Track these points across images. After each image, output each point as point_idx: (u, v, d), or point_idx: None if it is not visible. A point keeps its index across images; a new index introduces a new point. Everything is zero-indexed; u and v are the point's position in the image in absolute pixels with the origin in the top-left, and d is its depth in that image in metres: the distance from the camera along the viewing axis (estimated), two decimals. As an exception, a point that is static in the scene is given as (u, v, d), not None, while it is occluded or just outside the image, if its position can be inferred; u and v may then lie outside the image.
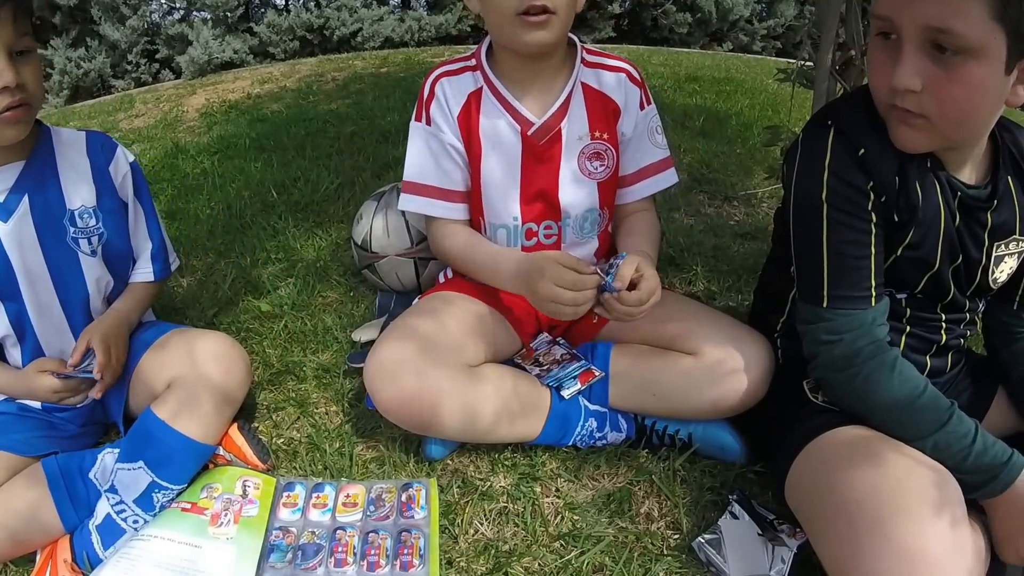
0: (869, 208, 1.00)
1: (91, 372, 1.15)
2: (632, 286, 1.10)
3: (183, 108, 4.04)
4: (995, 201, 1.04)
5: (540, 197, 1.29)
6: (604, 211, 1.35)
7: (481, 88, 1.27)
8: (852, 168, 0.99)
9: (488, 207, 1.30)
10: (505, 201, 1.29)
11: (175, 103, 4.21)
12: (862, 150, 0.98)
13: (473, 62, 1.29)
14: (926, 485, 0.88)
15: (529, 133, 1.25)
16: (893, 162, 0.99)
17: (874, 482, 0.90)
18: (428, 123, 1.27)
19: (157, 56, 6.36)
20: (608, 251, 1.40)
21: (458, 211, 1.31)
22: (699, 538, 1.07)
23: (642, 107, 1.31)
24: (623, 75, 1.30)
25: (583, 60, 1.28)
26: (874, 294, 1.02)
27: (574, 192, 1.29)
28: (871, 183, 0.99)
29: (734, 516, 1.09)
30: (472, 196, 1.32)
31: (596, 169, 1.30)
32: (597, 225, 1.35)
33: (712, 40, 7.53)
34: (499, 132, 1.26)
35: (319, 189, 2.42)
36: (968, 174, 1.04)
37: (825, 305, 1.03)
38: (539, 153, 1.27)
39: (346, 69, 4.64)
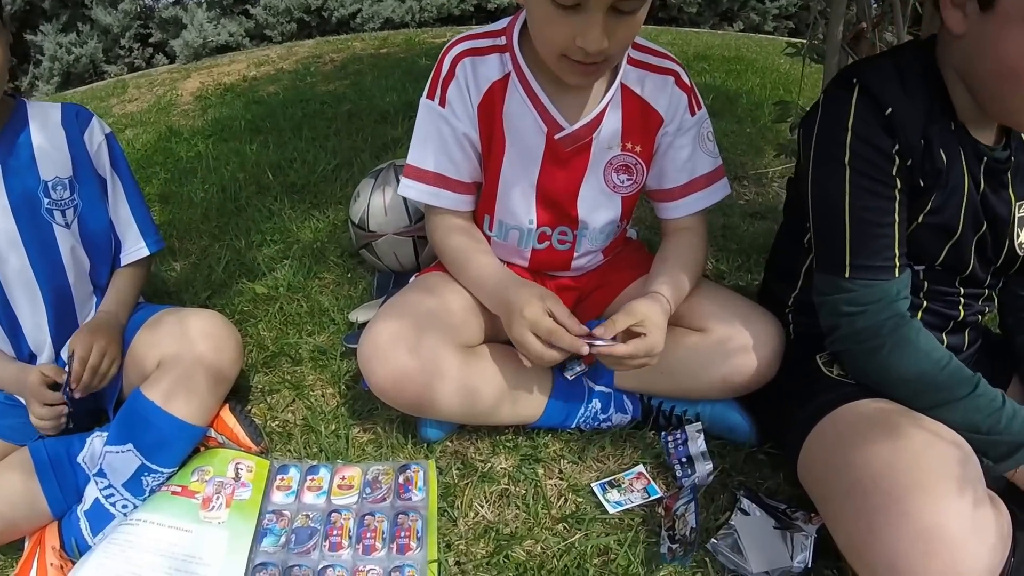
0: (894, 173, 0.95)
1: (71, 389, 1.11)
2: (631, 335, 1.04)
3: (177, 92, 3.98)
4: (1012, 159, 1.01)
5: (555, 204, 1.19)
6: (623, 221, 1.27)
7: (509, 75, 1.12)
8: (876, 130, 0.94)
9: (502, 207, 1.21)
10: (522, 202, 1.19)
11: (169, 87, 4.15)
12: (889, 109, 0.93)
13: (503, 41, 1.12)
14: (946, 461, 0.84)
15: (556, 137, 1.13)
16: (919, 124, 0.94)
17: (890, 457, 0.86)
18: (443, 104, 1.12)
19: (151, 40, 6.30)
20: (622, 244, 1.35)
21: (463, 202, 1.20)
22: (712, 540, 1.02)
23: (692, 112, 1.17)
24: (671, 78, 1.15)
25: (628, 58, 1.14)
26: (898, 264, 0.98)
27: (596, 205, 1.20)
28: (896, 146, 0.94)
29: (745, 512, 1.05)
30: (485, 193, 1.22)
31: (623, 182, 1.19)
32: (613, 234, 1.28)
33: (722, 20, 7.37)
34: (522, 129, 1.13)
35: (316, 170, 2.37)
36: (988, 135, 1.00)
37: (847, 275, 0.98)
38: (563, 159, 1.15)
39: (345, 50, 4.59)
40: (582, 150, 1.15)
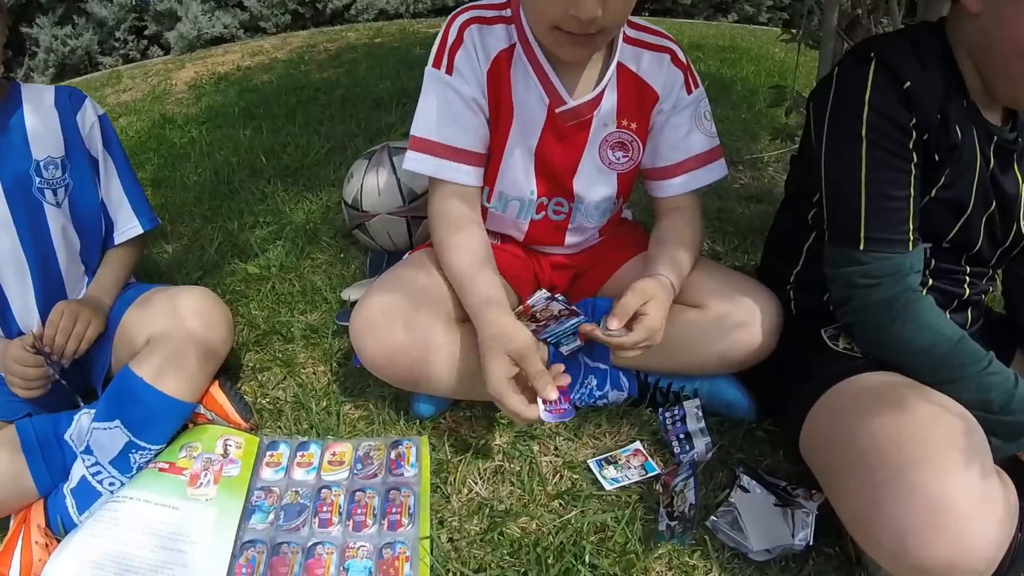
0: (910, 147, 0.94)
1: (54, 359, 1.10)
2: (633, 317, 1.02)
3: (171, 82, 3.96)
4: (1019, 141, 1.00)
5: (552, 176, 1.18)
6: (620, 199, 1.26)
7: (514, 46, 1.10)
8: (895, 103, 0.93)
9: (505, 177, 1.18)
10: (523, 173, 1.17)
11: (163, 77, 4.13)
12: (907, 83, 0.92)
13: (508, 12, 1.11)
14: (952, 433, 0.83)
15: (557, 111, 1.11)
16: (937, 99, 0.94)
17: (895, 429, 0.84)
18: (450, 71, 1.09)
19: (145, 33, 6.25)
20: (617, 224, 1.33)
21: (472, 175, 1.13)
22: (712, 517, 1.00)
23: (688, 91, 1.16)
24: (666, 56, 1.15)
25: (625, 36, 1.13)
26: (912, 238, 0.96)
27: (592, 181, 1.19)
28: (914, 119, 0.93)
29: (744, 489, 1.03)
30: (489, 163, 1.18)
31: (618, 159, 1.18)
32: (609, 212, 1.26)
33: (716, 11, 7.31)
34: (525, 101, 1.12)
35: (309, 154, 2.35)
36: (996, 116, 1.00)
37: (862, 248, 0.97)
38: (563, 134, 1.14)
39: (339, 40, 4.56)
40: (582, 127, 1.14)
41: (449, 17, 1.11)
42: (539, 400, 0.95)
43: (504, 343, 0.97)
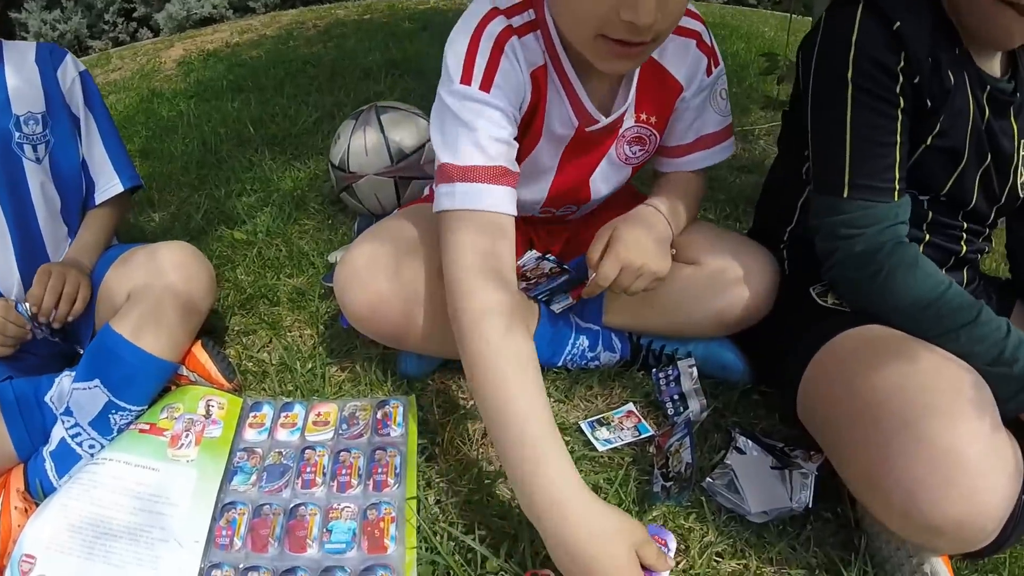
0: (897, 91, 0.91)
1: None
2: None
3: (160, 60, 3.92)
4: (1018, 95, 0.97)
5: (570, 188, 1.11)
6: (627, 184, 1.21)
7: (545, 63, 0.96)
8: (882, 46, 0.90)
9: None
10: (533, 194, 1.10)
11: (152, 56, 4.08)
12: (897, 24, 0.89)
13: (532, 15, 0.94)
14: (959, 384, 0.79)
15: (588, 130, 1.02)
16: (927, 41, 0.91)
17: (900, 381, 0.81)
18: (486, 88, 0.89)
19: (134, 15, 6.20)
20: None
21: (507, 199, 0.90)
22: (708, 478, 0.97)
23: (709, 72, 1.07)
24: (692, 41, 1.04)
25: None
26: (897, 187, 0.93)
27: (607, 179, 1.13)
28: (902, 63, 0.90)
29: (740, 451, 1.00)
30: None
31: (634, 154, 1.11)
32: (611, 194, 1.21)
33: (706, -8, 7.29)
34: (551, 123, 1.01)
35: (297, 123, 2.33)
36: (994, 66, 0.97)
37: (846, 195, 0.93)
38: (588, 145, 1.06)
39: (328, 17, 4.49)
40: (608, 134, 1.07)
41: (473, 25, 0.92)
42: None
43: (629, 536, 0.77)
